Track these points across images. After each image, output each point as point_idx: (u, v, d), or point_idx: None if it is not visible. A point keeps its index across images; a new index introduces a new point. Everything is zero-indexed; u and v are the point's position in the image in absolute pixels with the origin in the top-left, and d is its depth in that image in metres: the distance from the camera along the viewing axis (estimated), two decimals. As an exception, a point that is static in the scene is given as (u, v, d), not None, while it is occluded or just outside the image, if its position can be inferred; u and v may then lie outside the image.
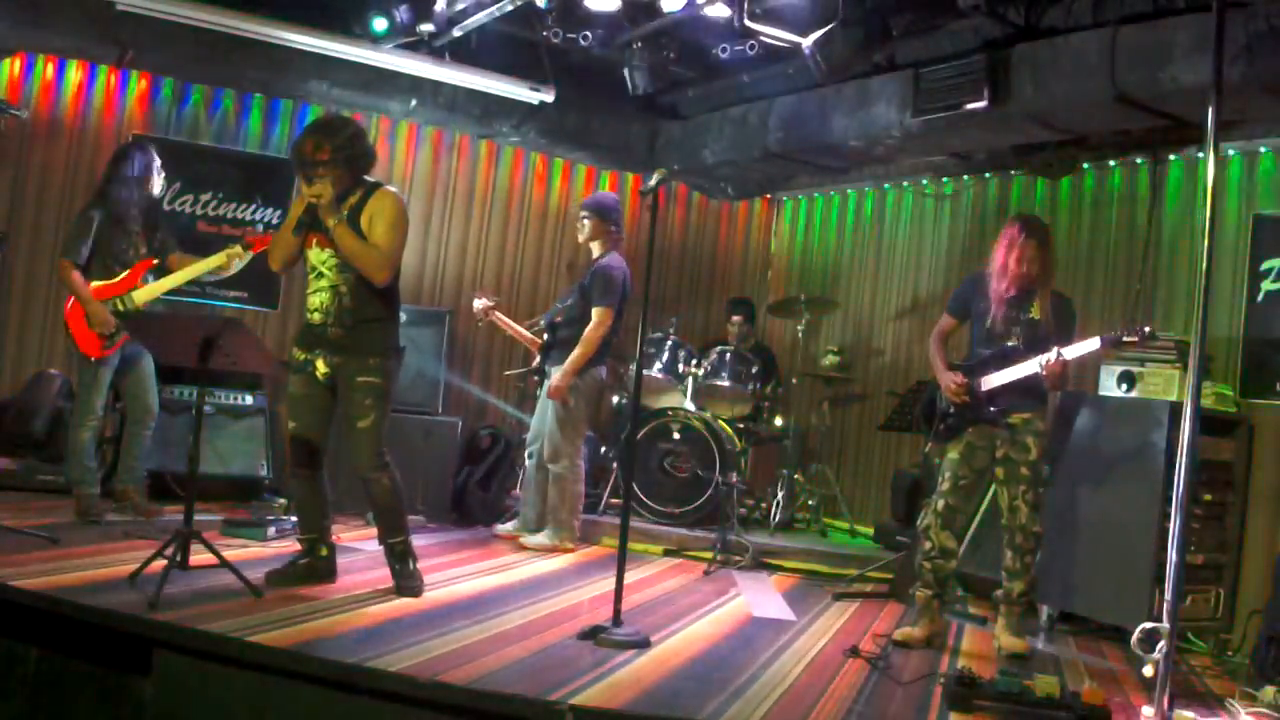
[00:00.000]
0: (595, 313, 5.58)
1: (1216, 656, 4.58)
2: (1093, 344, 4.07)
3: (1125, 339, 4.12)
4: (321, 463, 4.23)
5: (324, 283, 4.08)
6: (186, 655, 3.14)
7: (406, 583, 4.14)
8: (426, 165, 7.16)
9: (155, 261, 5.15)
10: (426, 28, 5.68)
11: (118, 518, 4.95)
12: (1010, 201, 6.67)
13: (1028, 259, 4.17)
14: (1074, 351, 4.06)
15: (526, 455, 5.91)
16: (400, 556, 4.19)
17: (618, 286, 5.64)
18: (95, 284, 4.95)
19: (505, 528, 5.89)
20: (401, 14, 5.60)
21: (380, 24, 5.81)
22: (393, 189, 4.19)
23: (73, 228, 5.04)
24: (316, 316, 4.09)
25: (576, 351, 5.56)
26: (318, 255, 4.09)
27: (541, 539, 5.63)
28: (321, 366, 4.10)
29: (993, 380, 4.23)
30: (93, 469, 5.04)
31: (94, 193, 5.16)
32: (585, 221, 5.79)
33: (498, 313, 6.08)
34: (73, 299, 4.94)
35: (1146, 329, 4.14)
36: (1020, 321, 4.24)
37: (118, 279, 5.01)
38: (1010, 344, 4.24)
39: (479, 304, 6.06)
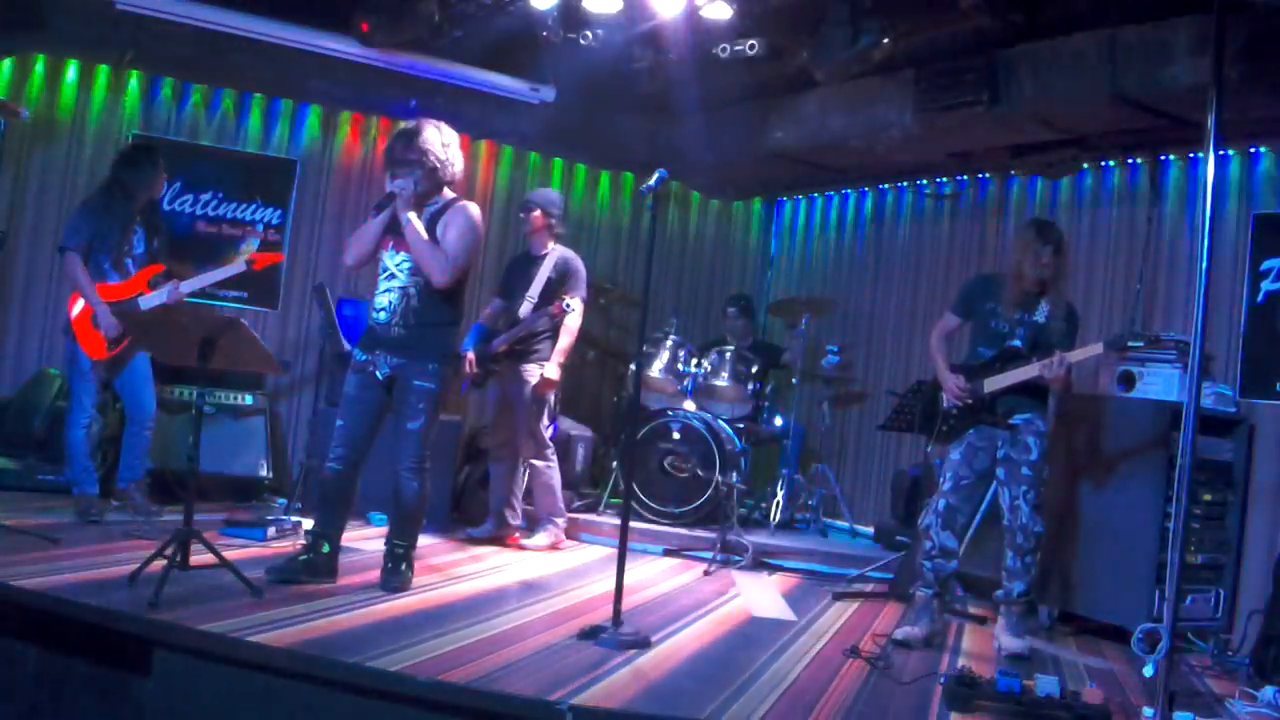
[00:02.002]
0: (577, 303, 5.59)
1: (1216, 656, 4.58)
2: (1096, 348, 4.07)
3: (1130, 344, 4.12)
4: (361, 463, 4.26)
5: (395, 283, 4.19)
6: (186, 655, 3.14)
7: (392, 579, 4.19)
8: (426, 165, 7.15)
9: (163, 268, 5.17)
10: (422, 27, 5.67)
11: (118, 518, 4.95)
12: (1010, 201, 6.67)
13: (1043, 264, 4.17)
14: (1077, 355, 4.07)
15: (495, 459, 5.81)
16: (397, 559, 4.23)
17: (585, 277, 5.73)
18: (97, 285, 4.95)
19: (481, 531, 5.78)
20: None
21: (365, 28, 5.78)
22: (472, 204, 4.32)
23: (76, 218, 5.00)
24: (382, 315, 4.19)
25: (565, 343, 5.59)
26: (392, 258, 4.21)
27: (541, 539, 5.63)
28: (382, 366, 4.18)
29: (996, 382, 4.23)
30: (92, 469, 5.04)
31: (99, 188, 5.14)
32: (535, 216, 5.71)
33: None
34: (76, 299, 4.92)
35: (1151, 335, 4.14)
36: (1025, 323, 4.24)
37: (122, 282, 5.02)
38: (1014, 345, 4.24)
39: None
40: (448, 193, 4.34)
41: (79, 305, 4.93)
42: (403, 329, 4.16)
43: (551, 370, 5.58)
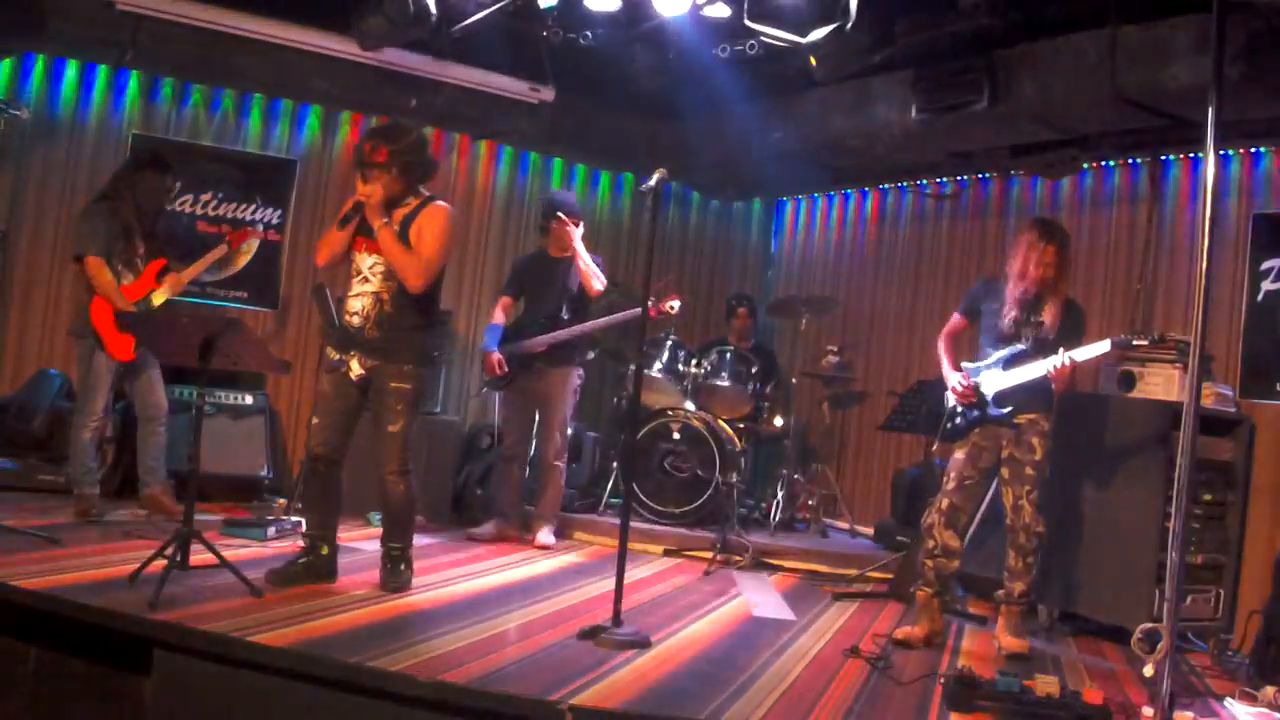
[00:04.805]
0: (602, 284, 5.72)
1: (1216, 656, 4.58)
2: (1103, 346, 4.06)
3: (1135, 342, 4.11)
4: (341, 462, 4.25)
5: (368, 288, 4.13)
6: (186, 655, 3.14)
7: (391, 579, 4.19)
8: (426, 165, 7.15)
9: (165, 261, 5.19)
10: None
11: (117, 517, 4.95)
12: (1010, 201, 6.67)
13: (1046, 263, 4.17)
14: (1083, 354, 4.06)
15: (509, 458, 5.82)
16: (395, 560, 4.23)
17: None
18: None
19: (484, 530, 5.78)
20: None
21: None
22: (446, 204, 4.23)
23: (90, 223, 4.99)
24: (355, 320, 4.14)
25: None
26: (364, 260, 4.15)
27: (552, 537, 5.66)
28: (356, 367, 4.14)
29: (1001, 381, 4.23)
30: (93, 469, 5.04)
31: (109, 190, 5.14)
32: (571, 219, 5.74)
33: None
34: (98, 301, 4.93)
35: (1157, 334, 4.14)
36: (1030, 324, 4.24)
37: (135, 281, 5.06)
38: (1019, 346, 4.24)
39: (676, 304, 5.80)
40: (422, 191, 4.24)
41: (102, 307, 4.93)
42: (377, 332, 4.11)
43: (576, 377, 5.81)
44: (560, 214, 5.75)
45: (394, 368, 4.12)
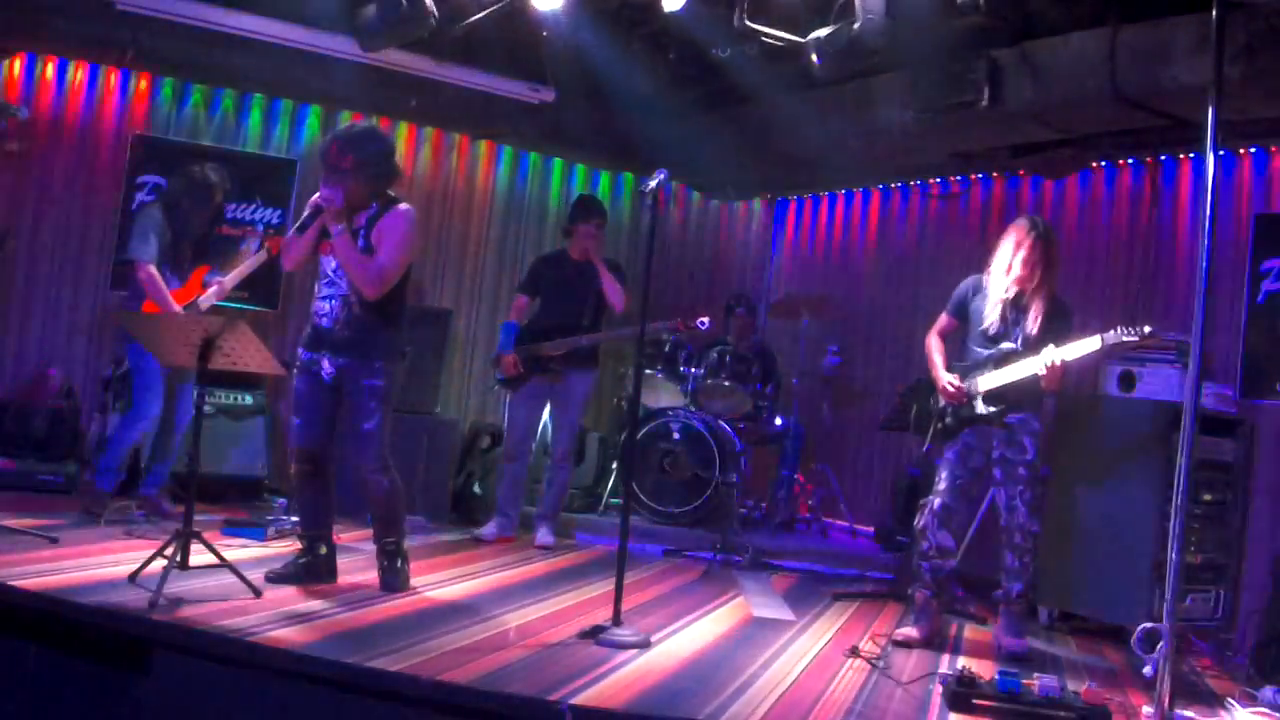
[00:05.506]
0: (624, 302, 5.72)
1: (1216, 656, 4.58)
2: (1092, 343, 4.05)
3: (1125, 339, 4.11)
4: (326, 461, 4.25)
5: (335, 290, 4.12)
6: (186, 655, 3.15)
7: (390, 578, 4.19)
8: (426, 165, 7.16)
9: (209, 267, 5.26)
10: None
11: (116, 517, 4.95)
12: (1010, 201, 6.67)
13: (1032, 261, 4.16)
14: (1072, 352, 4.05)
15: (513, 458, 5.80)
16: (390, 556, 4.23)
17: None
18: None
19: (485, 530, 5.76)
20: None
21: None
22: (408, 207, 4.20)
23: (141, 228, 5.07)
24: (324, 321, 4.13)
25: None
26: (331, 262, 4.14)
27: (552, 537, 5.67)
28: (326, 367, 4.13)
29: (990, 381, 4.22)
30: (119, 470, 5.08)
31: (160, 202, 5.24)
32: (603, 227, 5.81)
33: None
34: (148, 304, 4.96)
35: (1146, 329, 4.13)
36: (1018, 323, 4.23)
37: (182, 286, 5.14)
38: (1007, 345, 4.23)
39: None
40: (388, 192, 4.20)
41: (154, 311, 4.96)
42: (346, 331, 4.10)
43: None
44: (595, 221, 5.76)
45: (366, 366, 4.10)
